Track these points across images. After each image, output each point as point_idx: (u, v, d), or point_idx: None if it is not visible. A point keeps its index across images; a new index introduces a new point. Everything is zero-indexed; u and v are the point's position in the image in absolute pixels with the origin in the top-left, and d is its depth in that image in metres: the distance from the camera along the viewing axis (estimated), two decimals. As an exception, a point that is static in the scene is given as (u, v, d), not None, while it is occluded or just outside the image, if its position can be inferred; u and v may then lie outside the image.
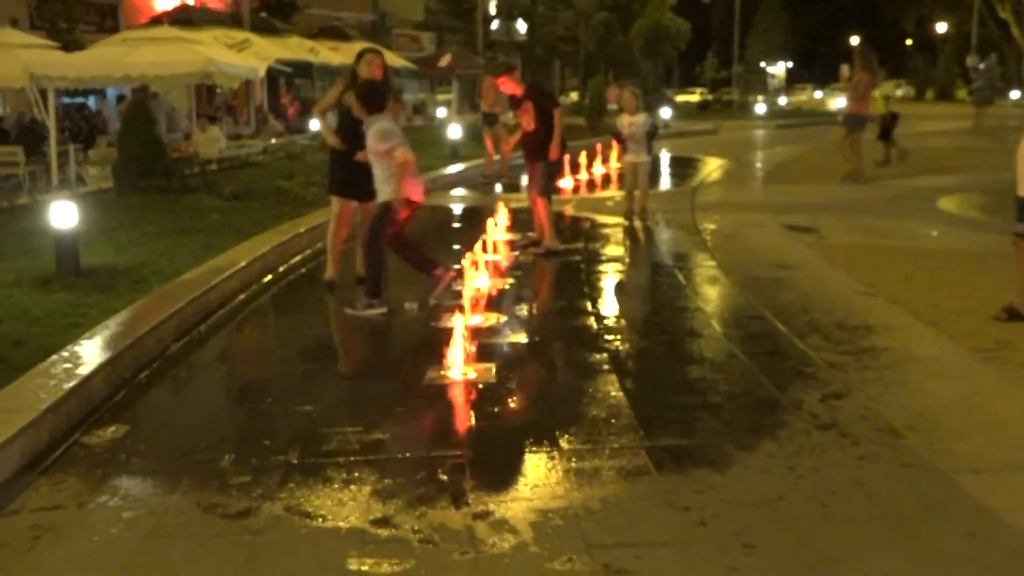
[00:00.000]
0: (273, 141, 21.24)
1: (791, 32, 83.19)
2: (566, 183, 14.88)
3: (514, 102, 9.55)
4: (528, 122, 9.26)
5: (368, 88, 7.17)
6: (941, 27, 66.47)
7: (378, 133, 6.95)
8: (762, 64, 72.84)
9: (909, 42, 76.75)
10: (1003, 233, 10.38)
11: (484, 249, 8.45)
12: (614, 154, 16.67)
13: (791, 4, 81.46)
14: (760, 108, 40.41)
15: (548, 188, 9.51)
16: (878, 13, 75.88)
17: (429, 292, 7.29)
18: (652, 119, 12.33)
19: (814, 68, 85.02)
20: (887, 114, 17.81)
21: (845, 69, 16.46)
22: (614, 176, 15.95)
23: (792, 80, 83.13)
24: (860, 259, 9.11)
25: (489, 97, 15.01)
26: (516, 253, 9.40)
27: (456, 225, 12.66)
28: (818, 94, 65.75)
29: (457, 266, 7.68)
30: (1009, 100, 50.41)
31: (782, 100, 55.31)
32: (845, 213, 12.13)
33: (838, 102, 33.10)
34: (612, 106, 27.69)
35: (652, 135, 11.85)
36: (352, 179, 7.68)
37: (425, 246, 8.46)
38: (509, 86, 9.52)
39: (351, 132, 7.52)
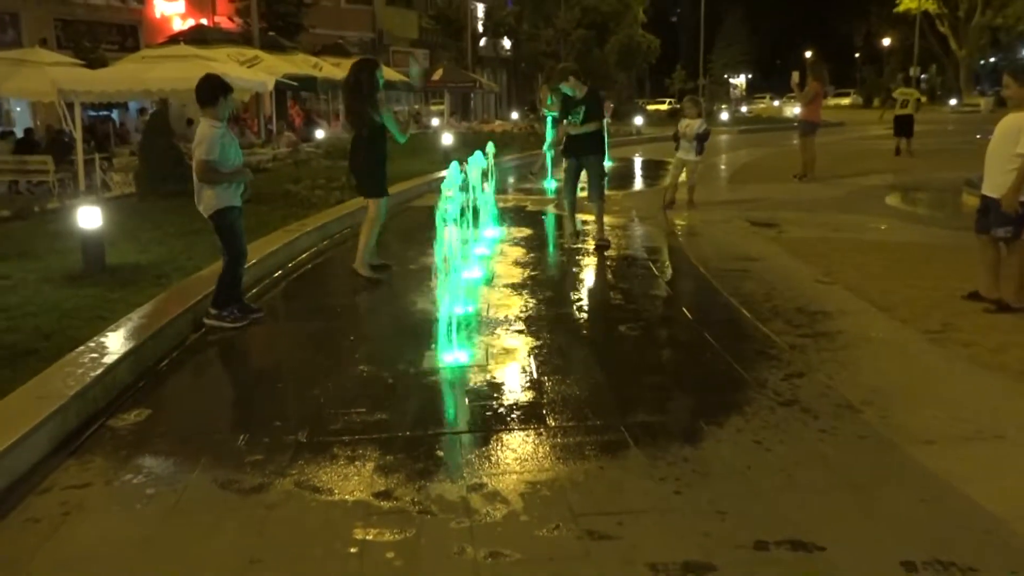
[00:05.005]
0: (283, 149, 21.09)
1: (751, 47, 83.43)
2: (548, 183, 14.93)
3: (568, 104, 9.38)
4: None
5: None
6: (886, 41, 66.74)
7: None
8: (725, 76, 72.95)
9: (857, 55, 76.99)
10: (945, 227, 10.42)
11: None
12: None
13: (751, 21, 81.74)
14: (724, 115, 40.45)
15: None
16: (829, 29, 76.17)
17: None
18: (707, 124, 12.51)
19: (773, 79, 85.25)
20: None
21: (795, 75, 16.42)
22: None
23: (752, 90, 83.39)
24: (818, 251, 9.10)
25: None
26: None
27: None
28: (776, 103, 65.92)
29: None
30: (948, 106, 50.65)
31: (743, 108, 55.42)
32: (803, 209, 12.12)
33: (794, 110, 33.15)
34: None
35: (704, 138, 12.33)
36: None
37: (414, 242, 8.42)
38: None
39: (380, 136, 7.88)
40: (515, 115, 40.12)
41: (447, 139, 19.64)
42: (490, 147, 9.75)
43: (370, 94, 7.73)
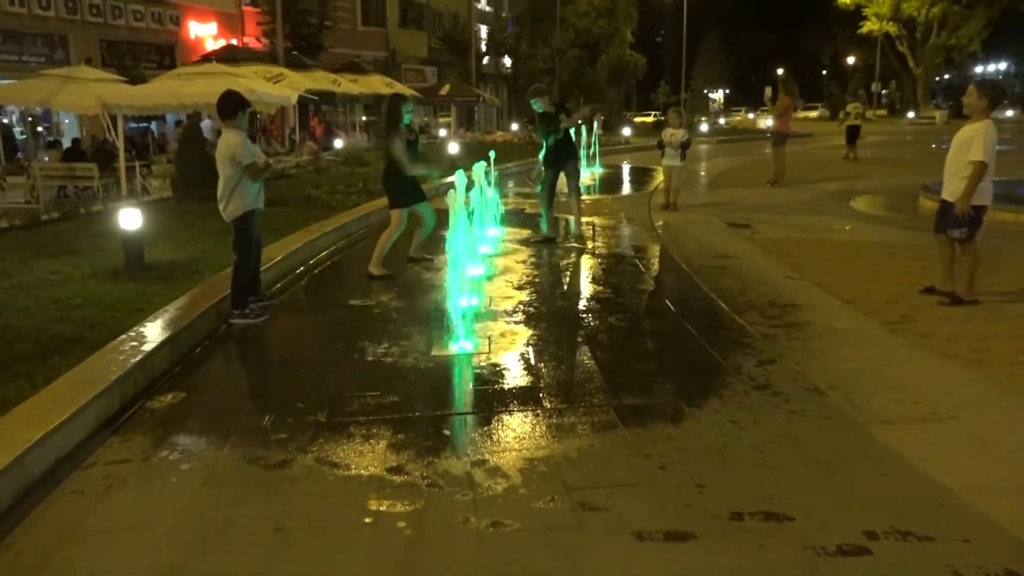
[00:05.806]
0: (305, 157, 21.04)
1: (729, 65, 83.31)
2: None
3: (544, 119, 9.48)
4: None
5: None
6: (851, 59, 66.61)
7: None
8: (705, 91, 72.83)
9: (824, 72, 76.85)
10: (903, 228, 10.39)
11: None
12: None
13: (729, 42, 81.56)
14: (704, 127, 40.37)
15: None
16: (799, 48, 76.11)
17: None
18: (688, 134, 12.57)
19: (748, 94, 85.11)
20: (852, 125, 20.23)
21: (768, 90, 16.54)
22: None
23: (729, 104, 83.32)
24: (788, 250, 9.07)
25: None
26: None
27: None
28: (751, 115, 65.80)
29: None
30: (906, 118, 50.57)
31: (721, 120, 55.34)
32: (775, 212, 12.08)
33: (767, 122, 33.07)
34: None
35: (686, 146, 12.34)
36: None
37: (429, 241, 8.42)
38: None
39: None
40: (515, 126, 40.04)
41: (453, 148, 19.60)
42: (491, 155, 9.72)
43: (394, 127, 7.88)
